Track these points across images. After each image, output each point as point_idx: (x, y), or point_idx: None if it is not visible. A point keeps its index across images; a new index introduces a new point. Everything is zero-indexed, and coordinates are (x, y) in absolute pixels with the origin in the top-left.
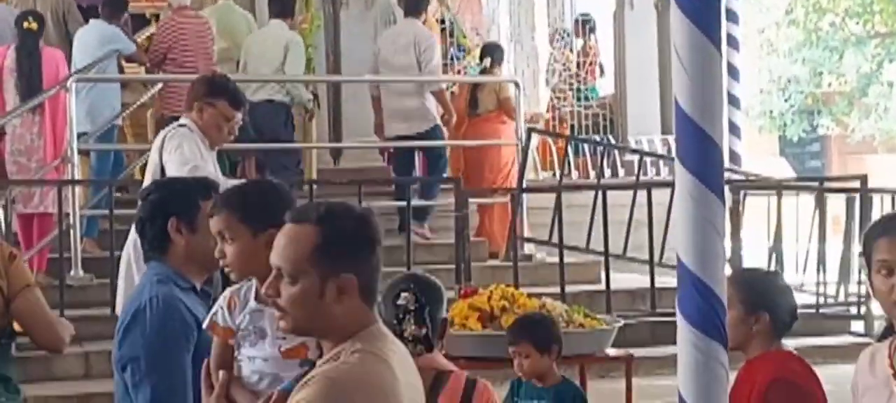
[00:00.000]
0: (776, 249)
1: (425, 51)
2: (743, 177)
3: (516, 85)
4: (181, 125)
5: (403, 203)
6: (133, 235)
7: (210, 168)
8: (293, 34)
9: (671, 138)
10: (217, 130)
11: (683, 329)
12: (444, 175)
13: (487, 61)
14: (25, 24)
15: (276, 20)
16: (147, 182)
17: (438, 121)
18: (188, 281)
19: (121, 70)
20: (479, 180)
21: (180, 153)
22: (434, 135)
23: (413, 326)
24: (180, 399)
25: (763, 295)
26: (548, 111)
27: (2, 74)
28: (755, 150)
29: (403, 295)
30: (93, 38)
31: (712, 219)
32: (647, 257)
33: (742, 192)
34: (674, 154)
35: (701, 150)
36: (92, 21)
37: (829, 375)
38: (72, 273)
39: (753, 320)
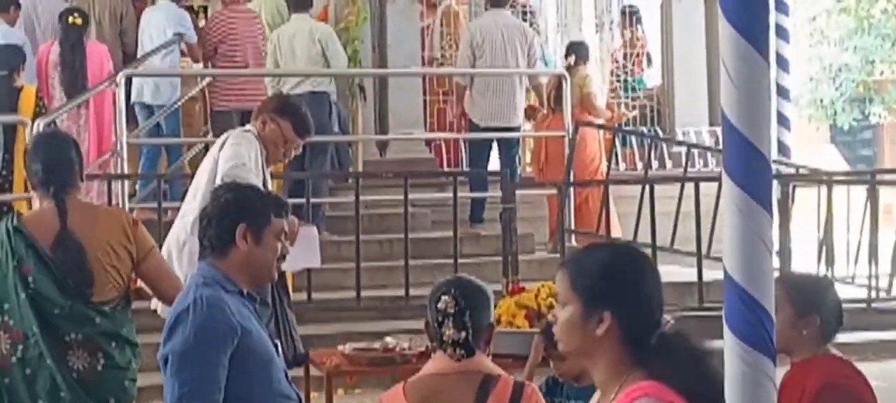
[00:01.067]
0: (827, 241)
1: (532, 45)
2: (792, 169)
3: (563, 78)
4: (247, 131)
5: (450, 196)
6: (174, 232)
7: (253, 178)
8: (320, 24)
9: (719, 129)
10: (274, 147)
11: (730, 342)
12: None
13: (571, 58)
14: (70, 19)
15: (297, 14)
16: (199, 178)
17: None
18: (236, 285)
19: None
20: (559, 175)
21: (235, 149)
22: (519, 130)
23: (452, 330)
24: (206, 398)
25: (814, 298)
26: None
27: (47, 69)
28: (805, 139)
29: (443, 298)
30: (162, 16)
31: (760, 233)
32: (694, 249)
33: (791, 184)
34: (722, 145)
35: (749, 164)
36: (159, 1)
37: (880, 371)
38: None
39: (803, 323)
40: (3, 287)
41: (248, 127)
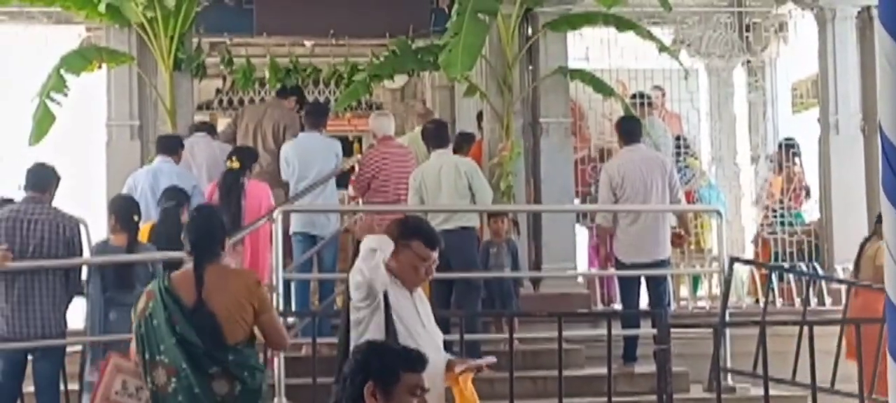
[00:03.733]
0: None
1: (672, 175)
2: None
3: (719, 213)
4: None
5: (603, 332)
6: None
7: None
8: (465, 159)
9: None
10: (413, 271)
11: None
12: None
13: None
14: (228, 163)
15: (438, 150)
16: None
17: None
18: None
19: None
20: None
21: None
22: (667, 264)
23: None
24: None
25: None
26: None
27: None
28: None
29: None
30: (317, 147)
31: None
32: (856, 390)
33: None
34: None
35: None
36: (303, 134)
37: None
38: (275, 401)
39: None
40: (159, 333)
41: None
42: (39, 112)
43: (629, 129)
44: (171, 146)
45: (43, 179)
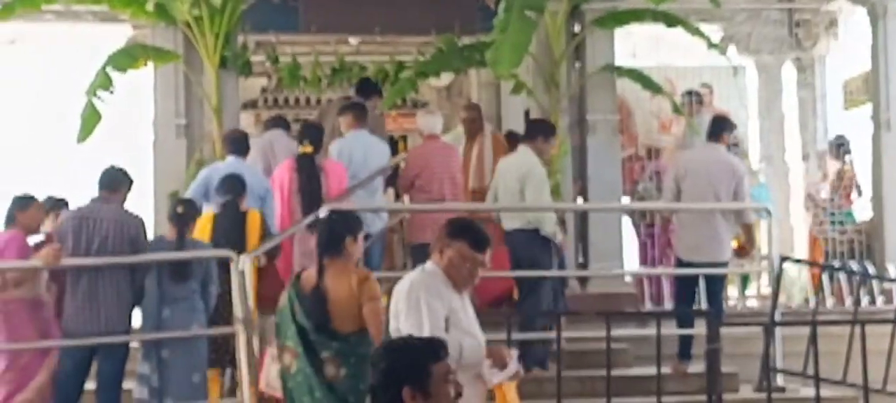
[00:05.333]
0: None
1: (740, 183)
2: None
3: (768, 211)
4: (426, 270)
5: (652, 332)
6: None
7: (441, 320)
8: (534, 161)
9: None
10: (458, 272)
11: None
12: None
13: None
14: (301, 148)
15: (524, 146)
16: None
17: None
18: None
19: None
20: None
21: (415, 316)
22: (725, 266)
23: None
24: None
25: None
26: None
27: (290, 198)
28: None
29: None
30: (371, 145)
31: None
32: None
33: None
34: None
35: None
36: (353, 132)
37: None
38: None
39: None
40: (287, 321)
41: (427, 265)
42: (86, 110)
43: (713, 128)
44: (244, 146)
45: (114, 180)
